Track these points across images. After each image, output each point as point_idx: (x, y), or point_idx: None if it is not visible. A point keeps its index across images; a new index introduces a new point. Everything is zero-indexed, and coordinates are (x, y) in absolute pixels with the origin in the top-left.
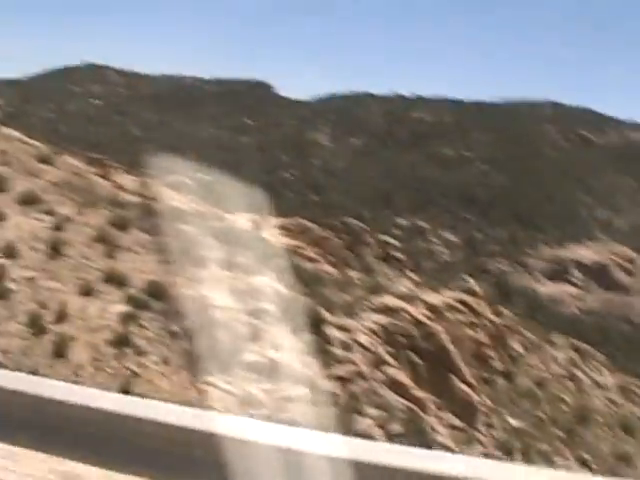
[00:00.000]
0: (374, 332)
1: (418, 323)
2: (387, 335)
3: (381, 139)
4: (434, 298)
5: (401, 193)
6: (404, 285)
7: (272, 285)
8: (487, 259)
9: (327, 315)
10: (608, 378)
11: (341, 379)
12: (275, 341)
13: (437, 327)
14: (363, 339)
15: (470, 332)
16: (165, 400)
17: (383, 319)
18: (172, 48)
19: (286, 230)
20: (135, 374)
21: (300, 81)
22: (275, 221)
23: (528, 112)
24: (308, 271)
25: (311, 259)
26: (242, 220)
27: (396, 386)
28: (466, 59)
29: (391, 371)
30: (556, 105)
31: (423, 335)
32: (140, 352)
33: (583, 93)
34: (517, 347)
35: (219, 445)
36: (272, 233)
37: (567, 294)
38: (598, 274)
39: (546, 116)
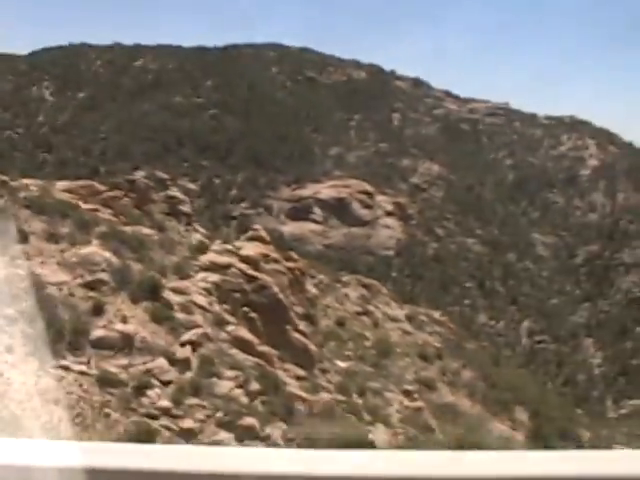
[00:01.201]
0: (208, 291)
1: (247, 277)
2: (221, 293)
3: (106, 90)
4: (247, 250)
5: (135, 145)
6: (196, 239)
7: (101, 254)
8: (230, 205)
9: (162, 279)
10: (397, 310)
11: (192, 343)
12: (119, 313)
13: (268, 279)
14: (200, 300)
15: (280, 279)
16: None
17: (214, 277)
18: None
19: (76, 194)
20: None
21: (11, 35)
22: (61, 185)
23: (252, 56)
24: (128, 235)
25: (112, 222)
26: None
27: (242, 344)
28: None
29: (233, 329)
30: (279, 47)
31: (255, 288)
32: None
33: (305, 35)
34: (312, 289)
35: None
36: (64, 198)
37: (310, 232)
38: (338, 209)
39: (271, 58)
